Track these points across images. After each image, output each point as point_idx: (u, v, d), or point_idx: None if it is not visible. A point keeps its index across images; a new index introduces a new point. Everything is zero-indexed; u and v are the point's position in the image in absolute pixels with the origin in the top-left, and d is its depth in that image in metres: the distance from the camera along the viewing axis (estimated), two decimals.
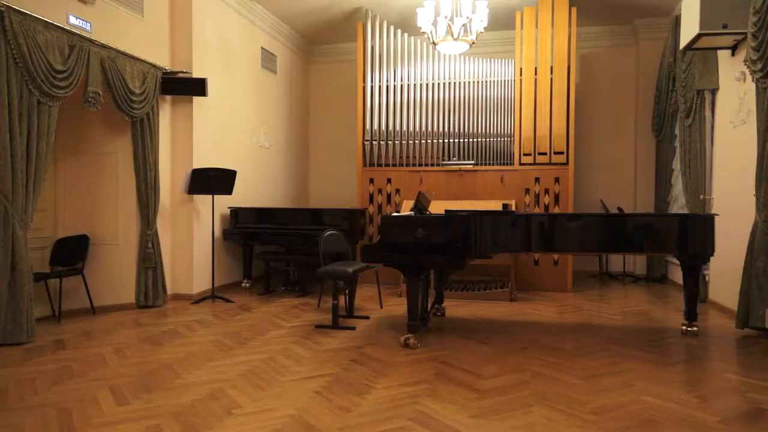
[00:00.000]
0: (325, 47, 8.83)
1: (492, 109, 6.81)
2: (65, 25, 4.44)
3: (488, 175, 6.71)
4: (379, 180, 7.02)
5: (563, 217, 4.27)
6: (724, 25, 4.54)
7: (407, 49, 7.05)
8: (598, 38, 7.88)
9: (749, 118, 4.63)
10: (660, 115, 7.11)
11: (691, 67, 5.75)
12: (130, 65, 5.09)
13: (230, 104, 6.64)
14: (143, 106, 5.24)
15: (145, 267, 5.42)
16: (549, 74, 6.54)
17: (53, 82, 4.22)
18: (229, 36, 6.58)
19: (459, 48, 5.70)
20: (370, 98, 7.04)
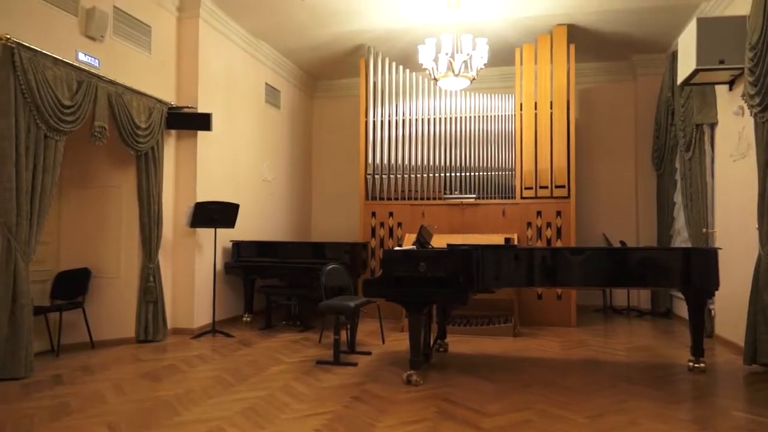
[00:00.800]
0: (328, 83, 8.97)
1: (493, 143, 6.87)
2: (74, 61, 4.52)
3: (490, 209, 6.72)
4: (381, 213, 7.03)
5: (565, 251, 4.26)
6: (721, 60, 4.60)
7: (409, 85, 7.15)
8: (596, 74, 7.99)
9: (749, 152, 4.65)
10: (660, 149, 7.15)
11: (690, 101, 5.81)
12: (136, 100, 5.16)
13: (234, 138, 6.71)
14: (148, 141, 5.30)
15: (146, 301, 5.39)
16: (549, 109, 6.61)
17: (60, 116, 4.28)
18: (234, 72, 6.70)
19: (460, 84, 5.78)
20: (372, 132, 7.11)
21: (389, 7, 6.07)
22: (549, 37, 6.62)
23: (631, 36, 6.90)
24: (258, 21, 6.49)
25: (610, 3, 5.95)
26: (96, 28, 4.73)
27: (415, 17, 6.33)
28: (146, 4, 5.46)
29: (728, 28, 4.56)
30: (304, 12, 6.19)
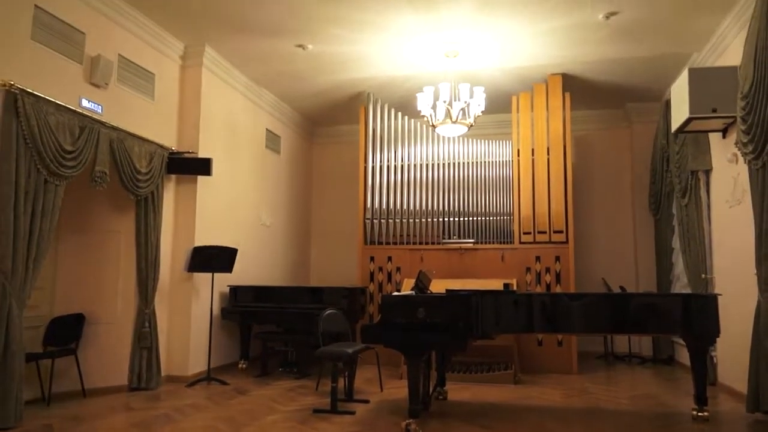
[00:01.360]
0: (328, 128, 9.10)
1: (491, 189, 6.92)
2: (77, 107, 4.59)
3: (489, 254, 6.72)
4: (380, 258, 7.02)
5: (565, 297, 4.23)
6: (714, 109, 4.69)
7: (408, 131, 7.26)
8: (592, 121, 8.13)
9: (744, 198, 4.69)
10: (656, 195, 7.21)
11: (684, 148, 5.89)
12: (138, 146, 5.22)
13: (234, 183, 6.76)
14: (148, 185, 5.33)
15: (141, 347, 5.31)
16: (546, 155, 6.69)
17: (62, 162, 4.31)
18: (235, 118, 6.80)
19: (458, 130, 5.88)
20: (371, 177, 7.17)
21: (389, 56, 6.22)
22: (544, 86, 6.77)
23: (624, 85, 7.06)
24: (260, 69, 6.64)
25: (601, 54, 6.10)
26: (100, 76, 4.82)
27: (414, 66, 6.48)
28: (151, 52, 5.59)
29: (720, 77, 4.67)
30: (306, 61, 6.34)
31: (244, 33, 5.66)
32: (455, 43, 5.81)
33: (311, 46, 5.95)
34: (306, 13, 5.23)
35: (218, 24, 5.47)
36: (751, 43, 4.04)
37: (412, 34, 5.65)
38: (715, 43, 5.51)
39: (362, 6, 5.11)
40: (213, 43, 5.93)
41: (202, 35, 5.75)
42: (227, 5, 5.08)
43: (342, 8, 5.14)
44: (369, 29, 5.55)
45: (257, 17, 5.31)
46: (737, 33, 4.95)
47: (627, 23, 5.36)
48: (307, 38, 5.76)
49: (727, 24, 5.16)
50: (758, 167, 4.02)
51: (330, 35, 5.69)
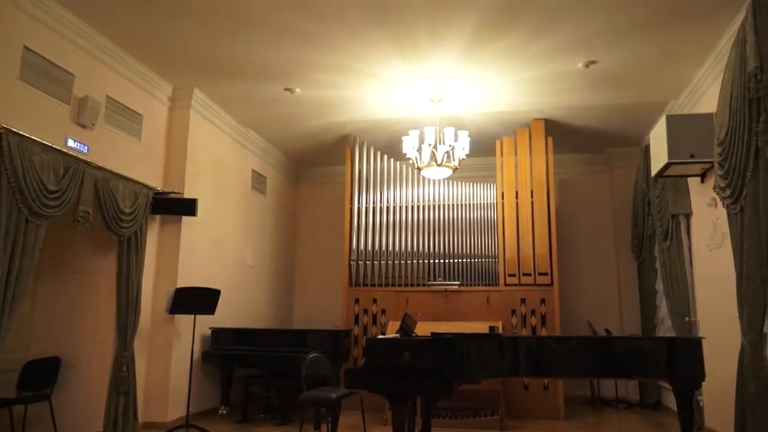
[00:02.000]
0: (314, 170, 9.15)
1: (476, 231, 6.96)
2: (63, 147, 4.57)
3: (474, 296, 6.70)
4: (365, 300, 6.97)
5: (550, 340, 4.21)
6: (692, 155, 4.82)
7: (393, 173, 7.33)
8: (574, 165, 8.28)
9: (724, 242, 4.76)
10: (638, 238, 7.29)
11: (664, 192, 6.00)
12: (123, 186, 5.20)
13: (219, 224, 6.73)
14: (132, 226, 5.28)
15: (118, 392, 5.15)
16: (529, 198, 6.77)
17: (44, 201, 4.27)
18: (221, 158, 6.83)
19: (442, 173, 5.94)
20: (357, 219, 7.19)
21: (376, 101, 6.33)
22: (527, 130, 6.91)
23: (605, 130, 7.23)
24: (248, 111, 6.71)
25: (582, 100, 6.27)
26: (88, 117, 4.84)
27: (400, 110, 6.60)
28: (139, 94, 5.63)
29: (697, 124, 4.81)
30: (294, 104, 6.43)
31: (234, 76, 5.75)
32: (440, 88, 5.94)
33: (299, 90, 6.04)
34: (295, 59, 5.33)
35: (207, 67, 5.55)
36: (725, 91, 4.18)
37: (399, 80, 5.78)
38: (691, 90, 5.69)
39: (352, 54, 5.23)
40: (202, 85, 6.00)
41: (191, 78, 5.82)
42: (217, 49, 5.17)
43: (331, 56, 5.26)
44: (357, 75, 5.67)
45: (247, 61, 5.40)
46: (712, 82, 5.12)
47: (606, 72, 5.53)
48: (296, 82, 5.86)
49: (702, 73, 5.34)
50: (736, 211, 4.10)
51: (318, 80, 5.79)
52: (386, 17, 4.60)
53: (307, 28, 4.77)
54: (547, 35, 4.87)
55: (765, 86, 3.53)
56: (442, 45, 5.06)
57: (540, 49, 5.12)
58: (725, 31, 4.66)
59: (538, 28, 4.75)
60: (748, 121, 3.76)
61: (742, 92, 3.79)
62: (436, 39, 4.95)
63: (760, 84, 3.57)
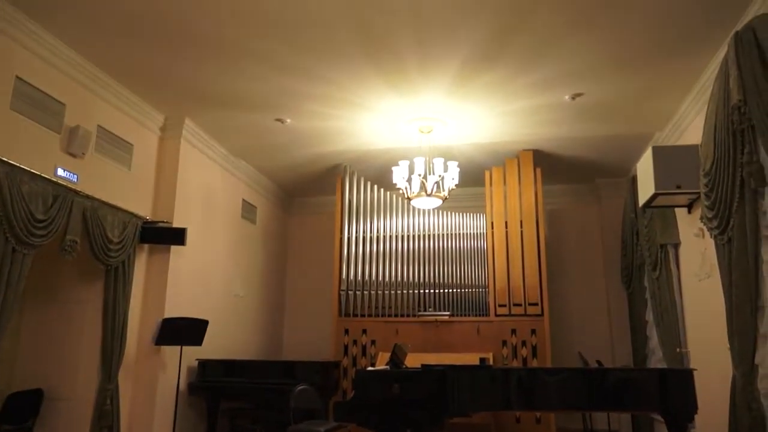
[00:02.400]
0: (305, 199, 9.16)
1: (466, 261, 6.96)
2: (52, 176, 4.55)
3: (464, 327, 6.66)
4: (355, 331, 6.90)
5: (541, 372, 4.18)
6: (678, 185, 4.87)
7: (383, 203, 7.35)
8: (563, 195, 8.35)
9: (713, 272, 4.78)
10: (628, 268, 7.31)
11: (652, 222, 6.05)
12: (111, 215, 5.16)
13: (208, 253, 6.68)
14: (120, 255, 5.23)
15: (101, 426, 5.02)
16: (519, 228, 6.80)
17: (32, 230, 4.23)
18: (211, 188, 6.82)
19: (432, 203, 5.97)
20: (347, 248, 7.17)
21: (366, 131, 6.38)
22: (516, 160, 6.98)
23: (592, 161, 7.31)
24: (239, 141, 6.74)
25: (569, 132, 6.35)
26: (78, 146, 4.83)
27: (390, 140, 6.65)
28: (130, 123, 5.64)
29: (682, 155, 4.88)
30: (284, 134, 6.46)
31: (225, 106, 5.78)
32: (429, 119, 6.01)
33: (290, 120, 6.09)
34: (286, 90, 5.38)
35: (199, 97, 5.58)
36: (709, 123, 4.25)
37: (389, 111, 5.84)
38: (676, 122, 5.79)
39: (342, 86, 5.29)
40: (193, 115, 6.03)
41: (182, 108, 5.85)
42: (209, 80, 5.21)
43: (322, 87, 5.31)
44: (347, 106, 5.73)
45: (238, 92, 5.44)
46: (696, 114, 5.22)
47: (592, 104, 5.62)
48: (287, 113, 5.90)
49: (686, 105, 5.45)
50: (724, 242, 4.13)
51: (309, 111, 5.84)
52: (376, 51, 4.68)
53: (297, 60, 4.83)
54: (534, 69, 4.96)
55: (748, 119, 3.60)
56: (430, 78, 5.13)
57: (526, 83, 5.21)
58: (708, 65, 4.78)
59: (524, 62, 4.84)
60: (733, 153, 3.82)
61: (726, 124, 3.86)
62: (424, 72, 5.03)
63: (743, 116, 3.63)
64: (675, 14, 4.11)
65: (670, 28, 4.30)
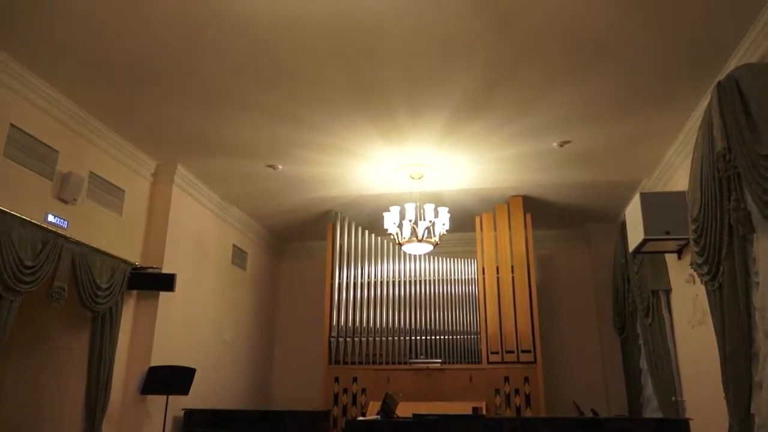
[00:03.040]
0: (295, 245, 9.13)
1: (457, 307, 6.93)
2: (43, 222, 4.53)
3: (457, 374, 6.57)
4: (345, 379, 6.78)
5: (536, 422, 4.11)
6: (667, 231, 4.91)
7: (374, 249, 7.35)
8: (553, 240, 8.39)
9: (705, 319, 4.78)
10: (620, 314, 7.29)
11: (643, 268, 6.07)
12: (100, 261, 5.11)
13: (197, 300, 6.60)
14: (107, 302, 5.15)
15: None
16: (510, 273, 6.80)
17: (20, 277, 4.17)
18: (202, 233, 6.79)
19: (423, 249, 5.98)
20: (338, 294, 7.12)
21: (357, 177, 6.43)
22: (506, 206, 7.04)
23: (582, 207, 7.39)
24: (230, 187, 6.76)
25: (558, 178, 6.44)
26: (70, 192, 4.82)
27: (381, 186, 6.70)
28: (122, 170, 5.66)
29: (670, 201, 4.94)
30: (276, 180, 6.50)
31: (217, 153, 5.83)
32: (420, 165, 6.08)
33: (281, 167, 6.13)
34: (278, 137, 5.45)
35: (192, 144, 5.63)
36: (695, 170, 4.32)
37: (380, 158, 5.91)
38: (663, 169, 5.89)
39: (334, 133, 5.37)
40: (185, 161, 6.06)
41: (175, 154, 5.88)
42: (202, 127, 5.27)
43: (313, 134, 5.39)
44: (339, 153, 5.79)
45: (230, 138, 5.50)
46: (683, 160, 5.32)
47: (579, 151, 5.73)
48: (278, 159, 5.95)
49: (672, 153, 5.56)
50: (715, 288, 4.14)
51: (300, 157, 5.90)
52: (368, 100, 4.77)
53: (290, 108, 4.91)
54: (521, 118, 5.06)
55: (734, 166, 3.67)
56: (420, 126, 5.23)
57: (514, 131, 5.31)
58: (692, 114, 4.90)
59: (512, 111, 4.95)
60: (720, 199, 3.87)
61: (712, 171, 3.93)
62: (415, 121, 5.12)
63: (728, 164, 3.70)
64: (658, 65, 4.24)
65: (653, 78, 4.43)
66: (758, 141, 3.34)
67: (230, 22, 3.77)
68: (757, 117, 3.39)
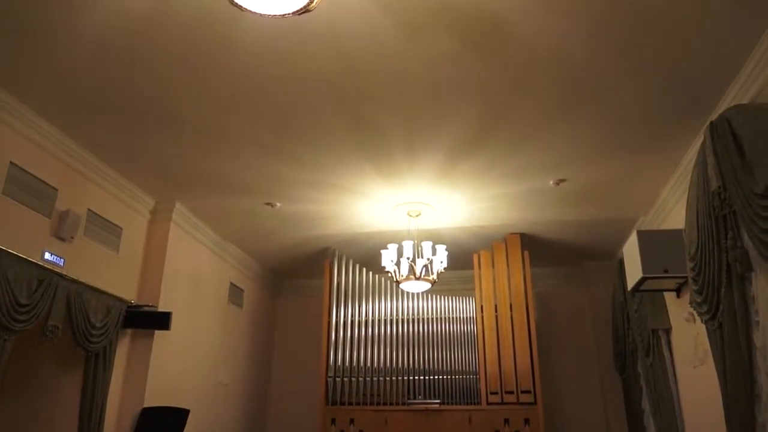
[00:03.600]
0: (293, 282, 9.07)
1: (456, 346, 6.86)
2: (39, 260, 4.50)
3: (456, 415, 6.45)
4: (342, 420, 6.64)
5: None
6: (665, 270, 4.89)
7: (372, 286, 7.31)
8: (551, 278, 8.35)
9: (707, 358, 4.72)
10: (621, 353, 7.20)
11: (642, 307, 6.03)
12: (96, 299, 5.06)
13: (193, 339, 6.51)
14: (101, 341, 5.08)
15: None
16: (509, 311, 6.75)
17: (14, 315, 4.11)
18: (199, 271, 6.75)
19: (421, 287, 5.95)
20: (335, 333, 7.04)
21: (355, 215, 6.44)
22: (504, 244, 7.03)
23: (579, 245, 7.39)
24: (228, 224, 6.76)
25: (555, 215, 6.46)
26: (67, 230, 4.81)
27: (378, 224, 6.71)
28: (121, 207, 5.66)
29: (667, 240, 4.94)
30: (274, 217, 6.51)
31: (216, 190, 5.85)
32: (417, 203, 6.10)
33: (279, 204, 6.15)
34: (277, 175, 5.48)
35: (191, 182, 5.65)
36: (691, 208, 4.34)
37: (378, 196, 5.94)
38: (659, 207, 5.92)
39: (332, 172, 5.40)
40: (184, 199, 6.08)
41: (173, 192, 5.90)
42: (201, 165, 5.30)
43: (312, 172, 5.42)
44: (337, 191, 5.82)
45: (229, 176, 5.52)
46: (678, 199, 5.35)
47: (576, 189, 5.76)
48: (276, 197, 5.97)
49: (668, 191, 5.60)
50: (715, 327, 4.11)
51: (299, 195, 5.92)
52: (366, 139, 4.82)
53: (289, 147, 4.95)
54: (516, 156, 5.10)
55: (729, 205, 3.69)
56: (417, 165, 5.27)
57: (510, 169, 5.34)
58: (686, 152, 4.95)
59: (507, 150, 4.99)
60: (717, 238, 3.88)
61: (708, 210, 3.94)
62: (412, 159, 5.17)
63: (724, 203, 3.73)
64: (651, 104, 4.30)
65: (646, 118, 4.49)
66: (752, 180, 3.37)
67: (230, 65, 3.84)
68: (750, 157, 3.43)
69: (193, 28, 3.49)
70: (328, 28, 3.48)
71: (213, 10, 3.33)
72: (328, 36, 3.56)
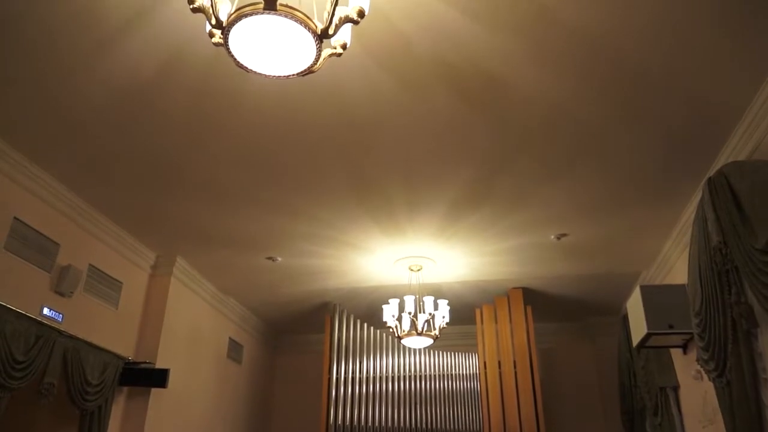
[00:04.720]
0: (292, 337, 8.96)
1: (459, 403, 6.70)
2: (37, 316, 4.46)
3: None
4: None
5: None
6: (670, 325, 4.82)
7: (373, 342, 7.20)
8: (555, 334, 8.24)
9: (716, 417, 4.60)
10: (628, 412, 7.01)
11: (649, 364, 5.91)
12: (93, 355, 4.98)
13: (190, 396, 6.37)
14: (97, 399, 4.97)
15: None
16: (513, 368, 6.63)
17: (10, 372, 4.04)
18: (198, 326, 6.68)
19: (423, 342, 5.87)
20: (335, 390, 6.89)
21: (356, 269, 6.42)
22: (506, 298, 6.98)
23: (582, 299, 7.33)
24: (229, 279, 6.73)
25: (557, 270, 6.44)
26: (67, 285, 4.78)
27: (379, 278, 6.68)
28: (122, 262, 5.66)
29: (671, 294, 4.89)
30: (274, 272, 6.49)
31: (217, 246, 5.85)
32: (418, 258, 6.09)
33: (281, 259, 6.14)
34: (278, 230, 5.50)
35: (192, 237, 5.67)
36: (693, 263, 4.32)
37: (379, 251, 5.94)
38: (661, 262, 5.91)
39: (334, 226, 5.42)
40: (185, 254, 6.07)
41: (174, 247, 5.91)
42: (203, 220, 5.33)
43: (314, 227, 5.44)
44: (338, 245, 5.82)
45: (232, 232, 5.54)
46: (680, 254, 5.34)
47: (577, 244, 5.76)
48: (277, 251, 5.97)
49: (669, 246, 5.60)
50: (723, 385, 4.01)
51: (300, 249, 5.92)
52: (367, 195, 4.86)
53: (290, 202, 4.99)
54: (517, 211, 5.13)
55: (731, 260, 3.68)
56: (419, 220, 5.30)
57: (511, 224, 5.37)
58: (686, 207, 4.98)
59: (508, 205, 5.02)
60: (720, 293, 3.84)
61: (710, 265, 3.92)
62: (413, 214, 5.20)
63: (725, 258, 3.72)
64: (650, 160, 4.35)
65: (645, 173, 4.53)
66: (752, 235, 3.37)
67: (234, 123, 3.91)
68: (749, 212, 3.45)
69: (197, 89, 3.59)
70: (331, 87, 3.57)
71: (218, 72, 3.43)
72: (330, 95, 3.65)
